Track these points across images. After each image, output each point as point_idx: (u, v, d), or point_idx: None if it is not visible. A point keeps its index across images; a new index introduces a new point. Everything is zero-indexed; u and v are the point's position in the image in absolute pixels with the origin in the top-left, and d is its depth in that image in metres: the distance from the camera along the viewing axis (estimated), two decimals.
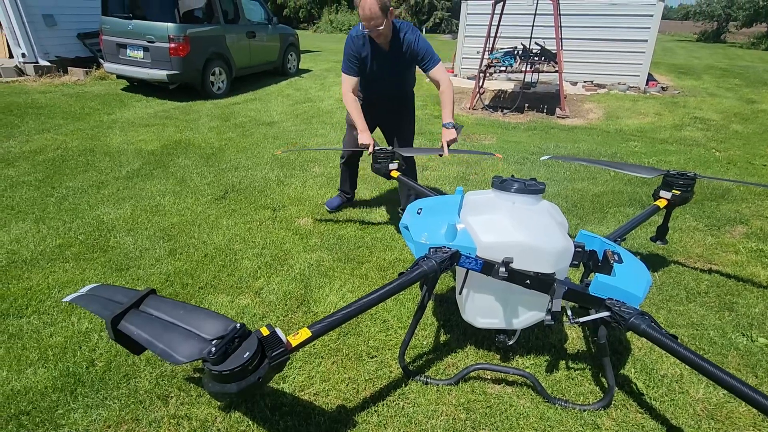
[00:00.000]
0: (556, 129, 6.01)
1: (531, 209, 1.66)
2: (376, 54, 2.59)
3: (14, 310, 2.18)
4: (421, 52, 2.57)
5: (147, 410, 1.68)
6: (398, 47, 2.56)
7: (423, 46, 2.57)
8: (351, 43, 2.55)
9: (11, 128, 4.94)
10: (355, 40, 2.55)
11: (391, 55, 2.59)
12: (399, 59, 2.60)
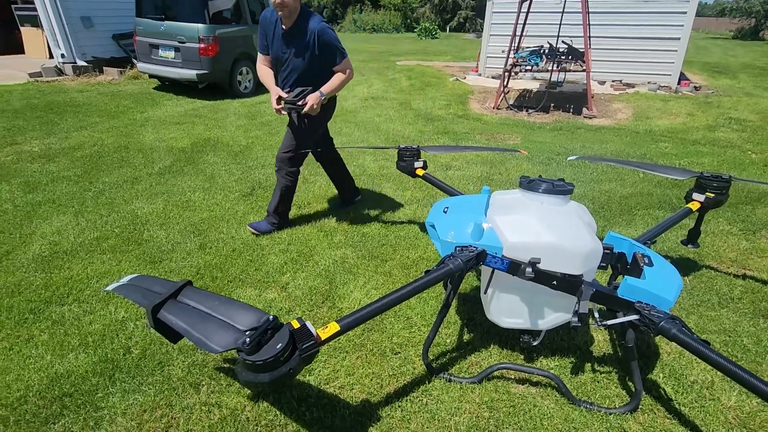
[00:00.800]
0: (583, 129, 5.90)
1: (559, 210, 1.65)
2: (280, 32, 2.56)
3: (56, 298, 2.30)
4: (328, 42, 2.53)
5: (180, 397, 1.75)
6: (301, 30, 2.51)
7: (331, 37, 2.53)
8: (262, 18, 2.60)
9: (52, 126, 5.18)
10: (267, 14, 2.58)
11: (292, 36, 2.54)
12: (301, 43, 2.53)
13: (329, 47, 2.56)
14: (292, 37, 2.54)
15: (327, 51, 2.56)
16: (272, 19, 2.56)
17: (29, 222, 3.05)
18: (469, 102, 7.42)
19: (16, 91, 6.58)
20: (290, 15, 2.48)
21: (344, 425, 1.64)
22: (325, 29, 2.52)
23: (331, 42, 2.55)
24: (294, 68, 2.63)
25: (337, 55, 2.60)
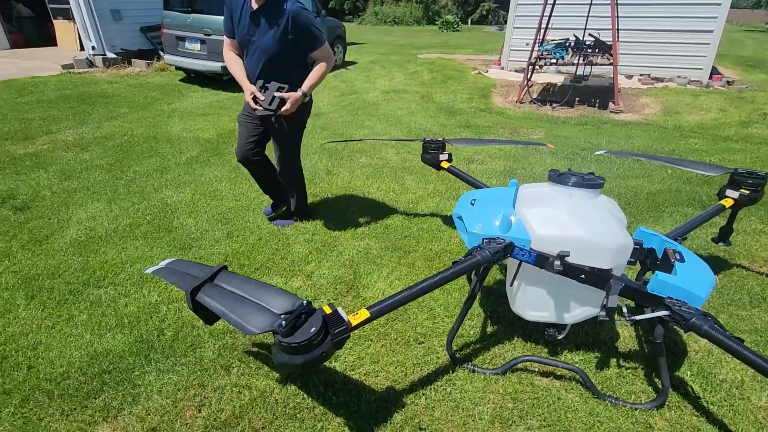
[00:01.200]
0: (609, 124, 5.78)
1: (589, 203, 1.64)
2: (249, 11, 2.27)
3: (94, 280, 2.40)
4: (305, 25, 2.25)
5: (212, 378, 1.82)
6: (274, 9, 2.22)
7: (308, 19, 2.26)
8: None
9: (84, 116, 5.35)
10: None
11: (262, 15, 2.25)
12: (273, 23, 2.24)
13: (306, 31, 2.28)
14: (262, 16, 2.25)
15: (303, 35, 2.29)
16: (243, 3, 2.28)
17: (66, 208, 3.18)
18: (491, 95, 7.34)
19: (50, 82, 6.81)
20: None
21: (370, 410, 1.68)
22: (300, 10, 2.24)
23: (308, 24, 2.27)
24: (262, 52, 2.33)
25: (314, 41, 2.33)
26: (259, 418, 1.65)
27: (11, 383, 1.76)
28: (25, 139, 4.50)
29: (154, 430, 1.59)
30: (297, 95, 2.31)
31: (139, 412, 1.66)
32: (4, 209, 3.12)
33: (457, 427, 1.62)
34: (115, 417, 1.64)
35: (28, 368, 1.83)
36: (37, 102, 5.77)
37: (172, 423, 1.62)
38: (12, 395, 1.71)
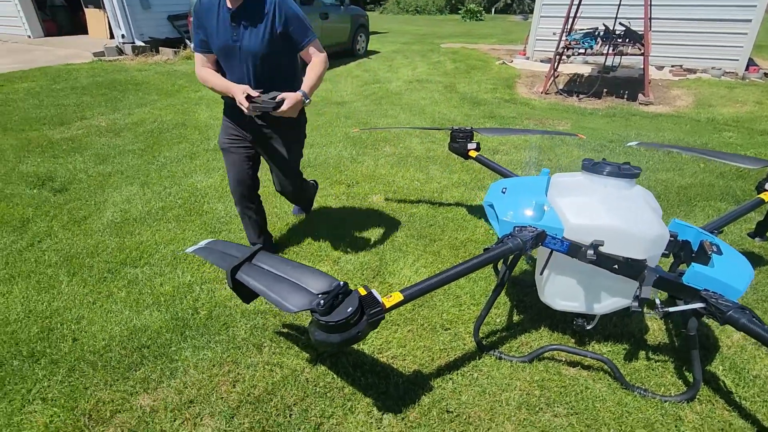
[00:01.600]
0: (638, 116, 5.63)
1: (624, 194, 1.63)
2: (226, 16, 1.91)
3: (130, 260, 2.49)
4: (294, 16, 1.95)
5: (244, 355, 1.88)
6: (255, 6, 1.90)
7: (295, 9, 1.96)
8: (196, 6, 1.97)
9: (116, 102, 5.50)
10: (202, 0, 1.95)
11: (243, 16, 1.90)
12: (257, 23, 1.91)
13: (296, 23, 1.97)
14: (243, 17, 1.91)
15: (292, 29, 1.97)
16: (209, 4, 1.94)
17: (102, 191, 3.29)
18: (516, 86, 7.22)
19: (83, 69, 7.00)
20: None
21: (398, 392, 1.71)
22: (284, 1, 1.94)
23: (297, 13, 1.96)
24: (252, 57, 1.97)
25: (305, 31, 2.01)
26: (291, 395, 1.70)
27: (58, 354, 1.86)
28: (61, 124, 4.66)
29: (192, 402, 1.67)
30: (297, 95, 1.95)
31: (177, 385, 1.73)
32: (44, 191, 3.25)
33: (483, 412, 1.64)
34: (155, 389, 1.72)
35: (73, 340, 1.93)
36: (71, 88, 5.95)
37: (208, 396, 1.69)
38: (59, 365, 1.81)
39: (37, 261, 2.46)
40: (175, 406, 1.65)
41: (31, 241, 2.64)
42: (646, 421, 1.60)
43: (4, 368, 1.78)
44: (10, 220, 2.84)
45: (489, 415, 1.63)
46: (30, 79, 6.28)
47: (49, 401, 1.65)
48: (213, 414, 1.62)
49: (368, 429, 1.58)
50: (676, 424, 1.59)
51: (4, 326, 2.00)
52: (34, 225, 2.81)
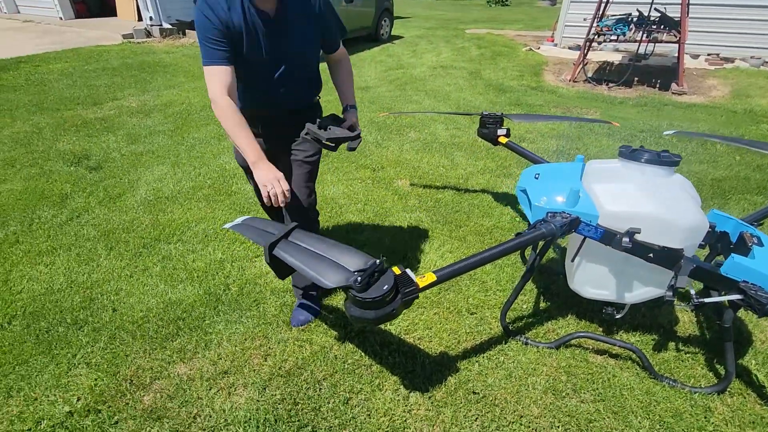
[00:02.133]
0: (671, 106, 5.45)
1: (663, 181, 1.60)
2: (260, 22, 1.52)
3: (164, 236, 2.57)
4: (332, 13, 1.65)
5: (275, 331, 1.94)
6: (295, 8, 1.55)
7: (331, 5, 1.65)
8: (208, 12, 1.45)
9: (145, 84, 5.60)
10: (215, 4, 1.45)
11: (286, 19, 1.55)
12: (303, 25, 1.58)
13: (334, 20, 1.68)
14: (287, 21, 1.55)
15: (331, 27, 1.66)
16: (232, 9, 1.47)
17: (134, 169, 3.38)
18: (543, 73, 7.06)
19: (113, 51, 7.14)
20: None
21: (424, 372, 1.74)
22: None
23: (334, 11, 1.67)
24: (286, 66, 1.63)
25: (341, 28, 1.73)
26: (320, 370, 1.75)
27: (100, 322, 1.95)
28: (94, 105, 4.78)
29: (226, 373, 1.73)
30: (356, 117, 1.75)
31: (212, 356, 1.80)
32: (80, 168, 3.36)
33: (510, 395, 1.66)
34: (191, 359, 1.79)
35: (113, 310, 2.02)
36: (102, 69, 6.08)
37: (241, 368, 1.75)
38: (101, 332, 1.89)
39: (76, 235, 2.56)
40: (210, 375, 1.71)
41: (70, 215, 2.75)
42: (674, 411, 1.59)
43: (51, 334, 1.88)
44: (51, 195, 2.96)
45: (515, 398, 1.65)
46: (63, 60, 6.44)
47: (93, 366, 1.74)
48: (246, 385, 1.68)
49: (395, 406, 1.61)
50: (706, 415, 1.58)
51: (49, 295, 2.10)
52: (72, 201, 2.92)
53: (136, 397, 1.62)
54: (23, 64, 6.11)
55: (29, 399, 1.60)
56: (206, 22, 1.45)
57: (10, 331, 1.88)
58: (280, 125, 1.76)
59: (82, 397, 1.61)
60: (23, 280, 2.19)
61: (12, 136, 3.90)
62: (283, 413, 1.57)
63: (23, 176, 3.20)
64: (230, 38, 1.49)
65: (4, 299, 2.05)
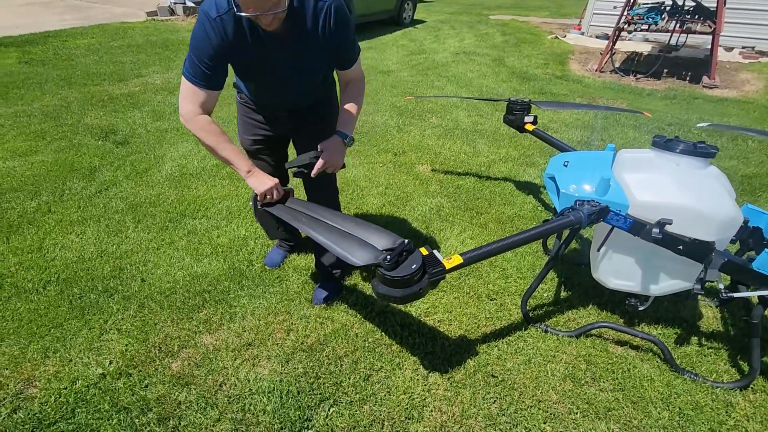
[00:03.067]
0: (701, 99, 5.29)
1: (697, 173, 1.57)
2: (266, 46, 1.40)
3: (189, 212, 2.62)
4: (345, 27, 1.45)
5: (297, 307, 1.98)
6: (302, 20, 1.38)
7: (347, 18, 1.45)
8: (211, 33, 1.31)
9: (169, 62, 5.64)
10: (218, 25, 1.31)
11: (289, 38, 1.40)
12: (310, 42, 1.44)
13: (350, 37, 1.50)
14: (294, 42, 1.42)
15: (339, 45, 1.49)
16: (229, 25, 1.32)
17: (160, 146, 3.44)
18: (568, 62, 6.90)
19: (137, 28, 7.19)
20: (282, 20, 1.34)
21: (444, 353, 1.77)
22: (340, 4, 1.42)
23: (349, 26, 1.47)
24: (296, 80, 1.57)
25: (353, 50, 1.56)
26: (341, 347, 1.78)
27: (129, 291, 2.01)
28: (119, 81, 4.84)
29: (250, 345, 1.78)
30: (335, 141, 1.59)
31: (237, 328, 1.85)
32: (108, 143, 3.43)
33: (528, 380, 1.67)
34: (216, 330, 1.84)
35: (141, 281, 2.08)
36: (127, 46, 6.14)
37: (264, 341, 1.80)
38: (131, 301, 1.96)
39: (105, 207, 2.63)
40: (236, 347, 1.76)
41: (99, 188, 2.82)
42: (695, 404, 1.59)
43: (84, 300, 1.95)
44: (80, 168, 3.03)
45: (534, 383, 1.66)
46: (90, 36, 6.51)
47: (123, 332, 1.80)
48: (270, 357, 1.73)
49: (415, 385, 1.64)
50: (727, 410, 1.57)
51: (80, 263, 2.17)
52: (100, 174, 2.99)
53: (165, 363, 1.68)
54: (51, 39, 6.21)
55: (65, 360, 1.67)
56: (205, 44, 1.32)
57: (45, 296, 1.96)
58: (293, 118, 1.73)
59: (114, 361, 1.67)
60: (56, 248, 2.26)
61: (42, 108, 3.99)
62: (305, 386, 1.61)
63: (54, 149, 3.28)
64: (230, 61, 1.42)
65: (39, 265, 2.13)
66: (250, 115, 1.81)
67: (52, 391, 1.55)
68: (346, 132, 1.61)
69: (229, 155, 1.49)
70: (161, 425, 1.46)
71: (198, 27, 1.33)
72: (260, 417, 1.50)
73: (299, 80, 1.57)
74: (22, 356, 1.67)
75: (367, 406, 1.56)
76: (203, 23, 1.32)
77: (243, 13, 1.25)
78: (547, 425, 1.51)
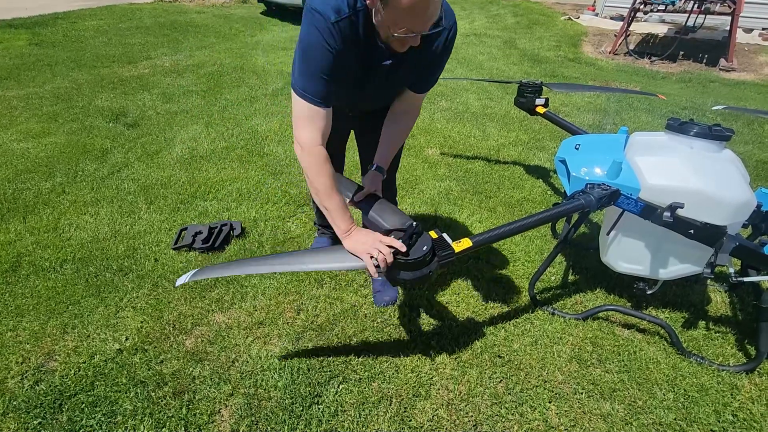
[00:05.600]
0: (717, 83, 5.18)
1: (711, 156, 1.55)
2: (373, 62, 1.29)
3: (200, 193, 2.65)
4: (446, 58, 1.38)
5: (306, 288, 2.01)
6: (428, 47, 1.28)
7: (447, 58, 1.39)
8: (329, 38, 1.15)
9: (177, 44, 5.63)
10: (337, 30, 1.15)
11: (399, 64, 1.31)
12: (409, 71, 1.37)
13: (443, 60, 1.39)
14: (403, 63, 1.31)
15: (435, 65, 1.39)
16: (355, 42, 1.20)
17: (170, 128, 3.46)
18: (581, 44, 6.76)
19: (145, 9, 7.16)
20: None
21: (451, 333, 1.79)
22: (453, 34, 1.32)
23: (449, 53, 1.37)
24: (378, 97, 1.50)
25: (436, 76, 1.45)
26: (351, 326, 1.82)
27: (143, 271, 2.06)
28: (129, 63, 4.85)
29: (261, 323, 1.82)
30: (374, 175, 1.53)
31: (248, 307, 1.89)
32: (119, 125, 3.46)
33: (534, 361, 1.70)
34: (228, 309, 1.88)
35: (155, 260, 2.12)
36: (136, 28, 6.13)
37: (275, 320, 1.83)
38: (145, 280, 2.00)
39: (118, 188, 2.67)
40: (247, 325, 1.80)
41: (111, 170, 2.85)
42: (700, 387, 1.60)
43: (99, 278, 2.00)
44: (92, 150, 3.07)
45: (540, 364, 1.68)
46: (98, 17, 6.50)
47: (138, 310, 1.85)
48: (281, 335, 1.77)
49: (422, 364, 1.67)
50: (732, 392, 1.59)
51: (95, 242, 2.21)
52: (112, 156, 3.02)
53: (179, 340, 1.73)
54: (60, 21, 6.21)
55: (83, 335, 1.72)
56: (324, 53, 1.16)
57: (62, 274, 2.01)
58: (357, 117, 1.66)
59: (130, 337, 1.72)
60: (71, 228, 2.31)
61: (53, 91, 4.02)
62: (315, 363, 1.65)
63: (66, 130, 3.32)
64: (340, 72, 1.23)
65: (55, 245, 2.18)
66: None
67: (71, 364, 1.60)
68: (384, 166, 1.52)
69: (333, 207, 1.31)
70: (176, 398, 1.51)
71: (312, 33, 1.14)
72: (272, 392, 1.54)
73: (385, 92, 1.47)
74: (42, 332, 1.73)
75: (376, 383, 1.60)
76: (320, 29, 1.13)
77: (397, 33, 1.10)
78: (552, 404, 1.54)
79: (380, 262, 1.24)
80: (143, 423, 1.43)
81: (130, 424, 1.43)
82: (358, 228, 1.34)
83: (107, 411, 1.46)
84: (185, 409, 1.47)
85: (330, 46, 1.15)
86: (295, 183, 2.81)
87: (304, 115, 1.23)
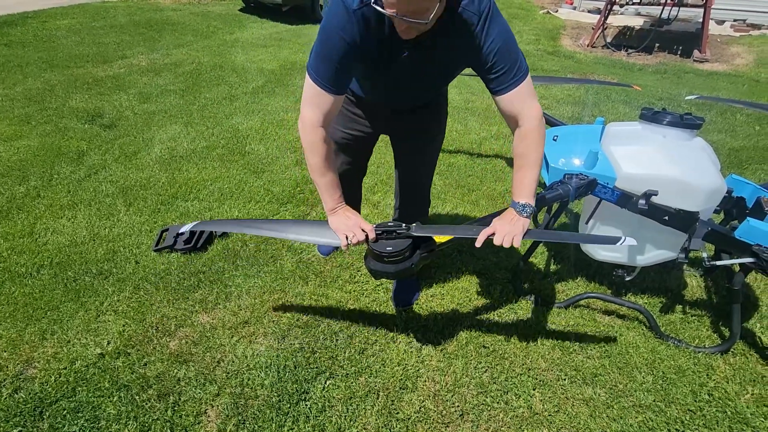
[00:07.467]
0: (692, 74, 5.31)
1: (683, 144, 1.59)
2: (393, 53, 1.23)
3: (181, 194, 2.61)
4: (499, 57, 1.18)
5: (292, 286, 2.00)
6: (451, 44, 1.20)
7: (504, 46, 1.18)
8: (348, 25, 1.13)
9: (153, 42, 5.51)
10: (359, 18, 1.13)
11: (423, 55, 1.24)
12: (445, 63, 1.30)
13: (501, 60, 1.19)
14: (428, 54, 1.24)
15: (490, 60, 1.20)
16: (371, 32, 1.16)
17: (148, 128, 3.39)
18: (560, 38, 6.85)
19: (119, 7, 6.98)
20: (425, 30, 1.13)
21: (437, 326, 1.81)
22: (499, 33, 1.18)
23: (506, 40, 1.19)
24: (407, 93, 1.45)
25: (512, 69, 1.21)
26: (336, 323, 1.82)
27: (123, 273, 2.02)
28: (103, 62, 4.73)
29: (246, 322, 1.81)
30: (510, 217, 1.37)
31: (232, 307, 1.87)
32: (95, 126, 3.38)
33: (518, 349, 1.73)
34: (212, 309, 1.87)
35: (135, 263, 2.09)
36: (110, 27, 5.97)
37: (260, 319, 1.83)
38: (126, 283, 1.97)
39: (95, 190, 2.61)
40: (232, 324, 1.79)
41: (88, 172, 2.79)
42: (677, 368, 1.65)
43: (78, 283, 1.96)
44: (67, 152, 2.99)
45: (524, 353, 1.71)
46: (70, 16, 6.32)
47: (120, 313, 1.82)
48: (266, 334, 1.76)
49: (409, 357, 1.69)
50: (708, 372, 1.64)
51: (73, 246, 2.17)
52: (89, 158, 2.95)
53: (163, 342, 1.71)
54: (30, 20, 6.02)
55: (62, 341, 1.69)
56: (341, 39, 1.14)
57: (40, 279, 1.96)
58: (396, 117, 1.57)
59: (112, 341, 1.69)
60: (47, 233, 2.25)
61: (25, 92, 3.90)
62: (301, 360, 1.65)
63: (39, 132, 3.23)
64: (362, 61, 1.23)
65: (31, 250, 2.13)
66: (349, 107, 1.60)
67: (51, 371, 1.57)
68: (520, 200, 1.32)
69: (323, 184, 1.33)
70: (161, 401, 1.49)
71: (331, 20, 1.14)
72: (258, 391, 1.54)
73: (418, 90, 1.44)
74: (19, 339, 1.69)
75: (363, 377, 1.61)
76: (339, 15, 1.12)
77: (385, 10, 1.04)
78: (536, 391, 1.57)
79: (351, 243, 1.31)
80: (128, 427, 1.41)
81: (114, 428, 1.41)
82: (345, 207, 1.39)
83: (90, 416, 1.44)
84: (171, 411, 1.46)
85: (345, 36, 1.14)
86: (278, 181, 2.79)
87: (311, 96, 1.25)
